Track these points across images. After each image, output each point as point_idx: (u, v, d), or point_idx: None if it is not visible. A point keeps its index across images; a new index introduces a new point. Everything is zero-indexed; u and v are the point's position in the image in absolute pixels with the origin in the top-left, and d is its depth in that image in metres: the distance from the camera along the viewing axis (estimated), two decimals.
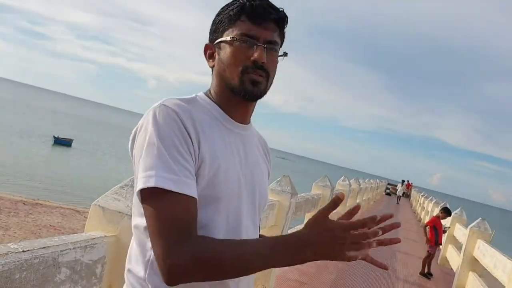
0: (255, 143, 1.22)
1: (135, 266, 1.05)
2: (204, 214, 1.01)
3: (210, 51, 1.14)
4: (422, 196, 21.75)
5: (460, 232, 8.64)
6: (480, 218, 7.30)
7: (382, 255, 8.17)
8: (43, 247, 1.37)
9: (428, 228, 8.04)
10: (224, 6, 1.11)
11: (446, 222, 9.47)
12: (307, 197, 5.57)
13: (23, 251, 1.29)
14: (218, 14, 1.12)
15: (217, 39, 1.11)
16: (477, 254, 6.65)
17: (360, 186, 13.06)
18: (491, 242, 6.69)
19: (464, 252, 7.06)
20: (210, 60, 1.14)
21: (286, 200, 4.15)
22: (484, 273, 6.70)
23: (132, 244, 1.09)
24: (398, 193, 29.51)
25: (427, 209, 17.44)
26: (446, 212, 8.37)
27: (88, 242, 1.56)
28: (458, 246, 8.97)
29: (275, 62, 1.12)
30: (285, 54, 1.15)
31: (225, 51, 1.09)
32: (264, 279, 4.09)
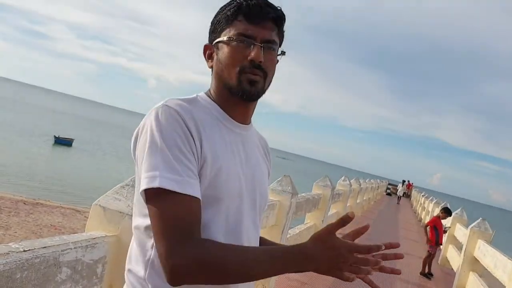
0: (256, 143, 1.22)
1: (135, 266, 1.05)
2: (205, 214, 1.01)
3: (209, 52, 1.15)
4: (423, 196, 21.75)
5: (461, 232, 8.64)
6: (481, 218, 7.30)
7: None
8: (44, 247, 1.37)
9: (429, 228, 8.04)
10: (222, 7, 1.12)
11: (447, 222, 9.47)
12: (308, 197, 5.56)
13: (24, 251, 1.28)
14: (216, 15, 1.13)
15: (215, 40, 1.12)
16: (478, 254, 6.65)
17: (361, 186, 13.07)
18: (492, 242, 6.69)
19: (465, 252, 7.06)
20: (209, 61, 1.15)
21: (287, 200, 4.14)
22: (485, 273, 6.70)
23: (132, 244, 1.09)
24: (399, 193, 29.48)
25: (428, 209, 17.44)
26: (447, 212, 8.37)
27: (89, 242, 1.56)
28: (459, 246, 8.97)
29: (273, 61, 1.11)
30: (283, 53, 1.15)
31: (223, 51, 1.09)
32: (264, 279, 4.09)
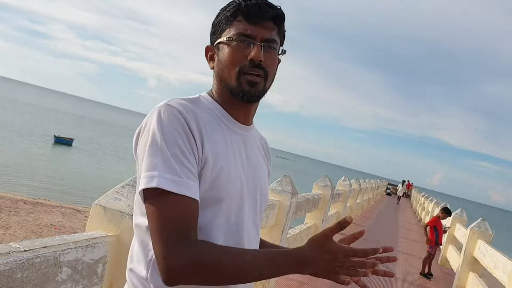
0: (256, 144, 1.22)
1: (137, 266, 1.05)
2: (206, 215, 1.01)
3: (211, 53, 1.15)
4: (423, 196, 21.75)
5: (461, 232, 8.64)
6: (481, 219, 7.29)
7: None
8: (45, 247, 1.37)
9: (429, 228, 8.04)
10: (222, 8, 1.12)
11: (446, 222, 9.48)
12: (308, 197, 5.56)
13: (25, 251, 1.29)
14: (217, 16, 1.13)
15: (216, 41, 1.12)
16: (478, 255, 6.65)
17: (361, 186, 13.06)
18: (491, 243, 6.69)
19: (465, 252, 7.06)
20: (211, 62, 1.15)
21: (287, 200, 4.15)
22: (484, 274, 6.70)
23: (134, 244, 1.09)
24: (399, 193, 29.47)
25: (428, 209, 17.44)
26: (446, 212, 8.37)
27: (89, 242, 1.56)
28: (459, 246, 8.97)
29: (274, 61, 1.11)
30: (284, 52, 1.15)
31: (223, 52, 1.09)
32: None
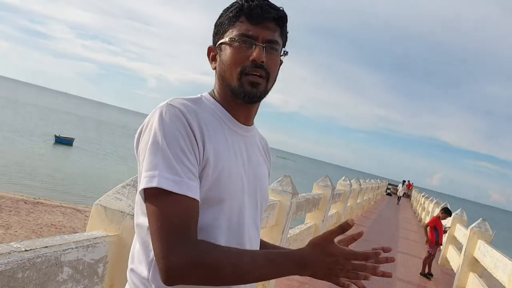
0: (257, 144, 1.22)
1: (138, 266, 1.05)
2: (208, 215, 1.02)
3: (213, 53, 1.15)
4: (423, 197, 21.73)
5: (461, 233, 8.64)
6: (481, 219, 7.29)
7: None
8: (46, 247, 1.37)
9: (429, 229, 8.04)
10: (225, 9, 1.12)
11: (447, 222, 9.48)
12: (308, 197, 5.56)
13: (26, 250, 1.29)
14: (219, 17, 1.13)
15: (218, 41, 1.12)
16: (478, 255, 6.65)
17: (361, 186, 13.06)
18: (491, 243, 6.69)
19: (465, 253, 7.06)
20: (213, 62, 1.15)
21: (287, 200, 4.15)
22: (485, 274, 6.70)
23: (135, 244, 1.09)
24: (399, 193, 29.45)
25: (428, 209, 17.43)
26: (446, 213, 8.38)
27: (90, 242, 1.57)
28: (459, 247, 8.97)
29: (276, 62, 1.12)
30: (286, 53, 1.15)
31: (225, 52, 1.09)
32: None
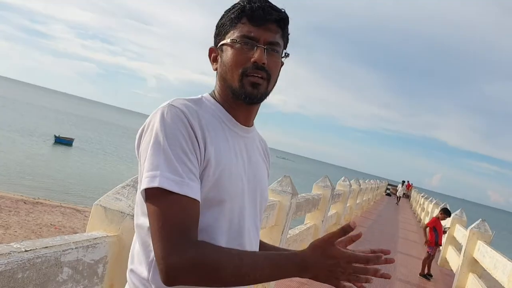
0: (256, 145, 1.23)
1: (138, 267, 1.05)
2: (209, 215, 1.02)
3: (214, 55, 1.16)
4: (422, 197, 21.72)
5: (460, 233, 8.64)
6: (480, 219, 7.29)
7: None
8: (46, 247, 1.37)
9: (428, 230, 8.04)
10: (226, 10, 1.12)
11: (446, 223, 9.48)
12: (308, 197, 5.56)
13: (26, 251, 1.29)
14: (221, 18, 1.13)
15: (220, 42, 1.12)
16: (477, 255, 6.65)
17: (361, 187, 13.06)
18: (491, 243, 6.70)
19: (464, 253, 7.06)
20: (214, 63, 1.15)
21: (287, 200, 4.15)
22: (484, 274, 6.70)
23: (135, 244, 1.09)
24: (398, 194, 29.45)
25: (427, 210, 17.43)
26: (446, 213, 8.38)
27: (90, 242, 1.57)
28: (458, 247, 8.97)
29: (277, 64, 1.12)
30: (287, 55, 1.15)
31: (227, 54, 1.10)
32: None
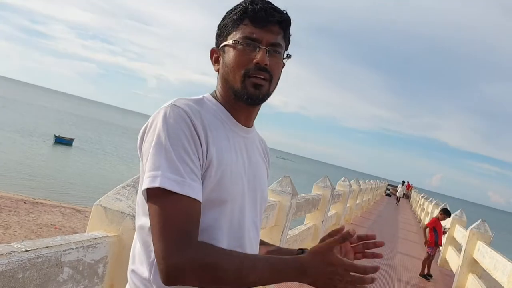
0: (256, 145, 1.23)
1: (139, 267, 1.05)
2: (210, 216, 1.02)
3: (216, 55, 1.16)
4: (422, 197, 21.72)
5: (460, 234, 8.64)
6: (480, 220, 7.30)
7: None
8: (46, 247, 1.37)
9: (428, 230, 8.04)
10: (228, 11, 1.13)
11: (446, 223, 9.49)
12: (308, 198, 5.56)
13: (26, 251, 1.29)
14: (223, 19, 1.14)
15: (222, 43, 1.13)
16: (477, 256, 6.65)
17: (360, 187, 13.07)
18: (491, 244, 6.70)
19: (464, 254, 7.06)
20: (216, 64, 1.16)
21: (287, 201, 4.15)
22: (484, 275, 6.71)
23: (136, 244, 1.09)
24: (398, 194, 29.47)
25: (427, 210, 17.44)
26: (446, 213, 8.38)
27: (91, 242, 1.57)
28: (458, 248, 8.98)
29: (279, 65, 1.12)
30: (289, 56, 1.16)
31: (229, 55, 1.10)
32: None
